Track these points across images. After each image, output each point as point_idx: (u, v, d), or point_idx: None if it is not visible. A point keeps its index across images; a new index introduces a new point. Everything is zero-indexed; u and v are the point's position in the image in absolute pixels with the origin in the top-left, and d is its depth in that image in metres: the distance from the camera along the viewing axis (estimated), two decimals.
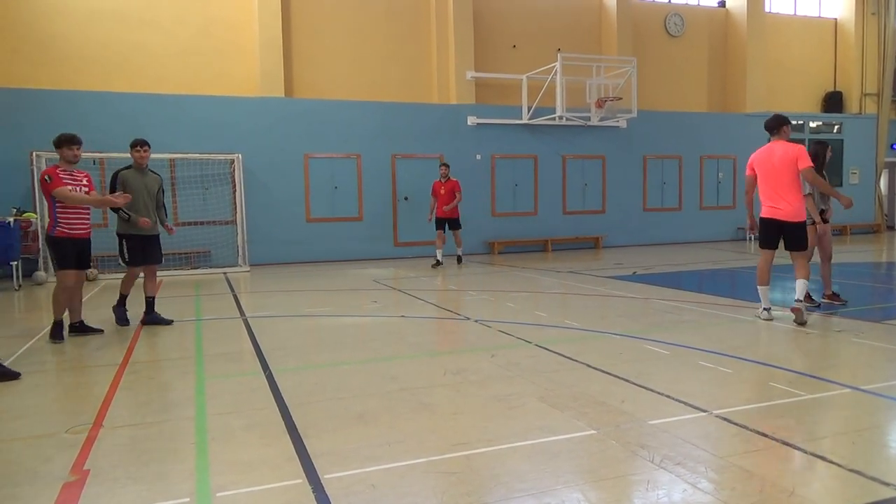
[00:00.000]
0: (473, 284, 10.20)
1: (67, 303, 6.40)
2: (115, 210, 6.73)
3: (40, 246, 11.63)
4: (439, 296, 9.05)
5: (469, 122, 15.42)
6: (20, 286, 10.65)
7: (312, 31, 14.54)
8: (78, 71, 12.92)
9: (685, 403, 4.02)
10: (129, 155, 7.08)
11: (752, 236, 16.29)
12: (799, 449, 3.28)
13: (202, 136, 13.24)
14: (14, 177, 12.02)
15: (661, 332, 6.21)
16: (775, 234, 6.53)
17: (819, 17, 20.23)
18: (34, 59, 12.69)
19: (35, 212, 11.64)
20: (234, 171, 13.33)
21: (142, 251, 7.03)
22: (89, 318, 6.84)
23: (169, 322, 7.08)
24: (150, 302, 7.12)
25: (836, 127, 19.80)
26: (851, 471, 3.01)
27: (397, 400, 4.27)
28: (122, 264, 7.14)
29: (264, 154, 13.78)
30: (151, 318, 7.10)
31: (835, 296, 7.47)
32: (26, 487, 3.05)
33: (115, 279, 11.70)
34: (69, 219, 6.28)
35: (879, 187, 20.51)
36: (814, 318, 6.83)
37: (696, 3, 18.65)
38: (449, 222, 12.95)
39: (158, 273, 7.57)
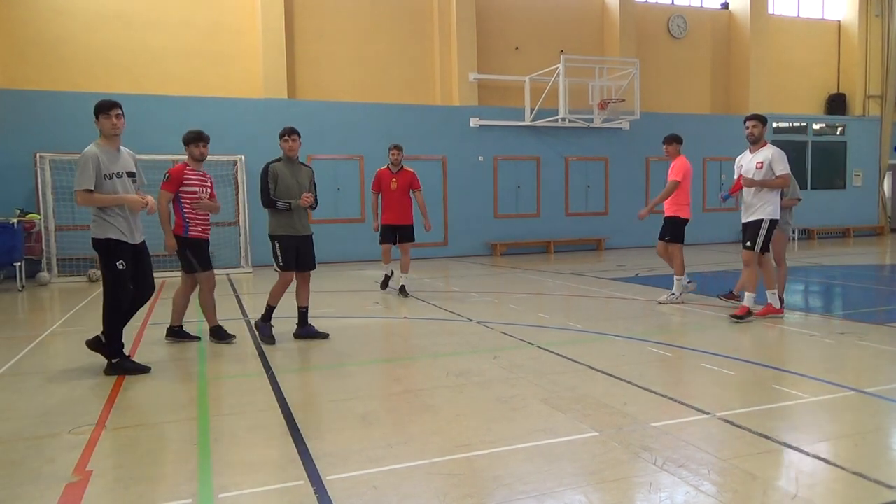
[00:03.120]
0: (476, 286, 10.20)
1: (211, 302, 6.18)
2: (272, 205, 6.16)
3: (44, 247, 11.67)
4: (441, 297, 9.05)
5: (472, 124, 15.42)
6: (23, 287, 10.67)
7: (315, 34, 14.57)
8: (83, 73, 12.96)
9: (688, 406, 4.01)
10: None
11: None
12: (802, 452, 3.28)
13: None
14: (18, 178, 12.04)
15: (664, 334, 6.21)
16: None
17: (822, 18, 20.19)
18: (39, 61, 12.74)
19: (39, 213, 11.68)
20: (237, 172, 13.36)
21: (295, 253, 6.19)
22: (96, 319, 6.81)
23: (325, 335, 6.30)
24: (303, 313, 6.37)
25: (839, 129, 19.76)
26: (854, 473, 3.00)
27: (400, 401, 4.27)
28: (276, 270, 6.29)
29: (267, 156, 13.63)
30: (305, 330, 6.33)
31: (730, 295, 7.79)
32: (29, 488, 3.06)
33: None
34: (196, 218, 6.04)
35: (883, 189, 20.46)
36: (817, 319, 6.82)
37: (699, 4, 18.64)
38: (400, 232, 9.06)
39: (161, 274, 7.31)
